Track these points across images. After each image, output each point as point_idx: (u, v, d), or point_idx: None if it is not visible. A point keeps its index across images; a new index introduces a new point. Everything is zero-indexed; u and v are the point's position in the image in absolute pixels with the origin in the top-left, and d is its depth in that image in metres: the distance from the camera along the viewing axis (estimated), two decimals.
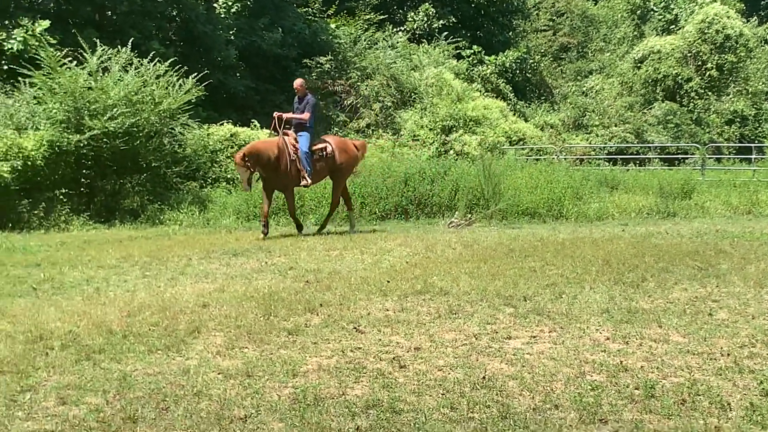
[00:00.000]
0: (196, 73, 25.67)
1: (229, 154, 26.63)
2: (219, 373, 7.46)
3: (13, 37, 26.62)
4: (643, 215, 23.12)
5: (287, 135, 18.62)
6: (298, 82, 19.12)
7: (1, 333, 8.93)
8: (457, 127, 33.79)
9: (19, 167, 21.64)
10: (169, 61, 25.35)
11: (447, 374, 7.39)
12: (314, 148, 18.68)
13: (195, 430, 6.07)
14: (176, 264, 14.46)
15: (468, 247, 16.01)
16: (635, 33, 52.44)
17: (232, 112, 31.92)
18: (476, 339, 8.64)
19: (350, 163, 19.42)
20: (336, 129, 34.64)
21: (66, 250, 16.34)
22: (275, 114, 18.96)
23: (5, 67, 26.38)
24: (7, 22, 27.36)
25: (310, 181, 18.56)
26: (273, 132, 18.98)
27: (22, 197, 21.88)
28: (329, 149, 18.89)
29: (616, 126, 40.51)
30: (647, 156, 38.16)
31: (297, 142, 18.47)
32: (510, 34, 51.68)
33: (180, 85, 25.18)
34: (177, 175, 25.45)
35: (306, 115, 18.58)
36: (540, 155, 33.73)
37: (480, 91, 39.75)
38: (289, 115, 18.94)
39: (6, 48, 26.54)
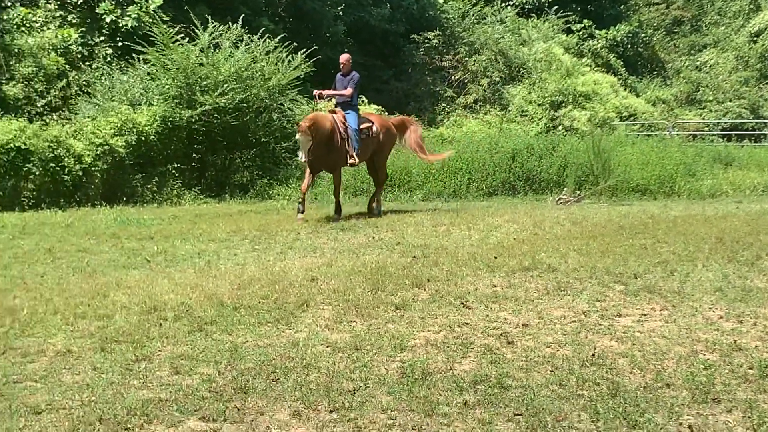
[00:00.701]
0: (304, 49, 25.82)
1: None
2: (327, 346, 7.52)
3: (128, 14, 27.10)
4: (758, 192, 22.64)
5: (335, 113, 17.56)
6: (344, 57, 18.08)
7: (117, 304, 9.13)
8: (567, 102, 33.45)
9: (134, 142, 22.10)
10: (278, 38, 25.54)
11: (556, 351, 7.34)
12: (361, 126, 17.70)
13: (304, 401, 6.13)
14: (285, 238, 14.61)
15: (577, 223, 15.86)
16: (751, 6, 51.00)
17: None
18: (585, 316, 8.56)
19: (392, 142, 18.91)
20: (443, 104, 34.56)
21: (178, 224, 16.64)
22: (315, 92, 18.12)
23: (120, 44, 26.88)
24: None
25: (357, 160, 17.60)
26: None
27: (136, 171, 22.33)
28: (374, 128, 18.00)
29: (730, 101, 39.64)
30: (763, 132, 37.27)
31: (345, 120, 17.42)
32: (621, 7, 50.86)
33: (289, 61, 25.37)
34: (286, 150, 25.64)
35: (348, 91, 17.51)
36: (651, 131, 33.22)
37: (590, 66, 39.24)
38: (330, 92, 17.95)
39: (121, 25, 27.04)
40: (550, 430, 5.66)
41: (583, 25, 42.59)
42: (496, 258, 11.73)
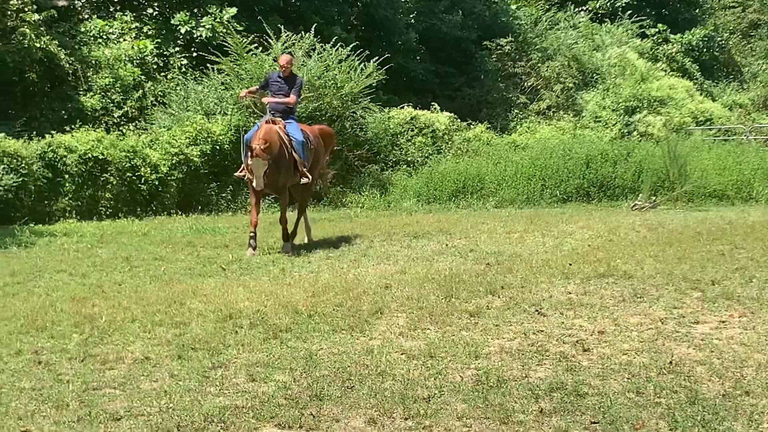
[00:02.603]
0: (376, 57, 25.84)
1: (408, 138, 26.77)
2: (402, 354, 7.53)
3: (202, 24, 27.39)
4: None
5: (276, 123, 14.80)
6: (285, 59, 15.68)
7: (194, 312, 9.23)
8: (641, 107, 33.05)
9: (208, 151, 22.33)
10: (350, 46, 25.59)
11: (632, 358, 7.28)
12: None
13: (379, 408, 6.14)
14: (358, 246, 14.66)
15: (652, 230, 15.70)
16: None
17: (412, 96, 31.98)
18: (662, 323, 8.47)
19: (323, 156, 16.67)
20: (516, 111, 34.39)
21: None
22: (243, 93, 16.65)
23: (195, 55, 27.17)
24: (196, 10, 28.19)
25: (311, 177, 15.12)
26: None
27: (211, 180, 22.52)
28: (312, 139, 15.57)
29: None
30: None
31: (286, 131, 14.84)
32: (696, 11, 50.14)
33: (361, 69, 25.40)
34: (358, 158, 25.70)
35: (292, 98, 15.14)
36: (728, 136, 32.70)
37: (665, 71, 38.71)
38: (276, 99, 15.18)
39: (195, 36, 27.35)
40: None
41: (657, 30, 42.05)
42: (570, 265, 11.65)
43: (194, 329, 8.46)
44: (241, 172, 15.18)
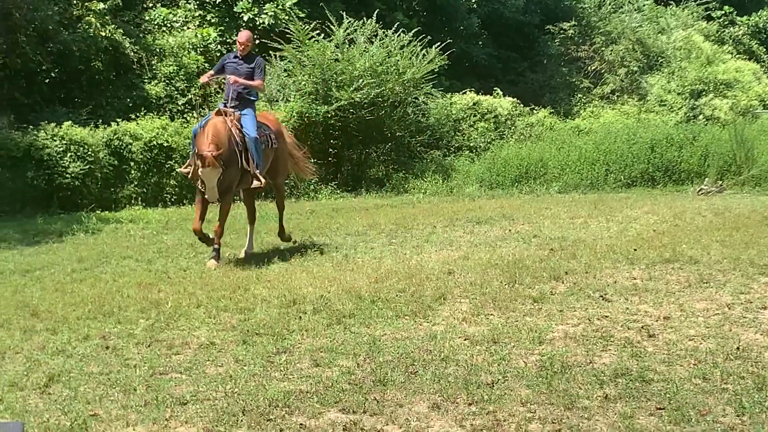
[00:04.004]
0: (438, 43, 25.75)
1: (470, 123, 26.75)
2: (465, 339, 7.53)
3: (265, 12, 27.47)
4: None
5: (226, 114, 12.46)
6: (245, 35, 13.27)
7: (258, 297, 9.30)
8: (707, 91, 32.65)
9: None
10: (412, 32, 25.53)
11: (698, 344, 7.21)
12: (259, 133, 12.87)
13: (443, 394, 6.15)
14: (421, 232, 14.65)
15: (719, 214, 15.52)
16: None
17: (474, 81, 31.87)
18: (729, 309, 8.38)
19: (288, 151, 14.35)
20: (579, 95, 34.13)
21: (315, 218, 16.85)
22: (203, 78, 13.68)
23: (257, 42, 27.27)
24: None
25: (263, 180, 12.76)
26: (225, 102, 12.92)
27: None
28: (272, 135, 13.31)
29: None
30: None
31: (240, 125, 12.54)
32: None
33: (423, 55, 25.33)
34: (420, 144, 25.71)
35: (259, 82, 13.10)
36: None
37: (731, 54, 38.19)
38: (242, 81, 12.73)
39: (258, 23, 27.44)
40: (694, 424, 5.56)
41: (723, 12, 41.47)
42: (635, 250, 11.56)
43: (258, 315, 8.52)
44: (185, 168, 12.97)
